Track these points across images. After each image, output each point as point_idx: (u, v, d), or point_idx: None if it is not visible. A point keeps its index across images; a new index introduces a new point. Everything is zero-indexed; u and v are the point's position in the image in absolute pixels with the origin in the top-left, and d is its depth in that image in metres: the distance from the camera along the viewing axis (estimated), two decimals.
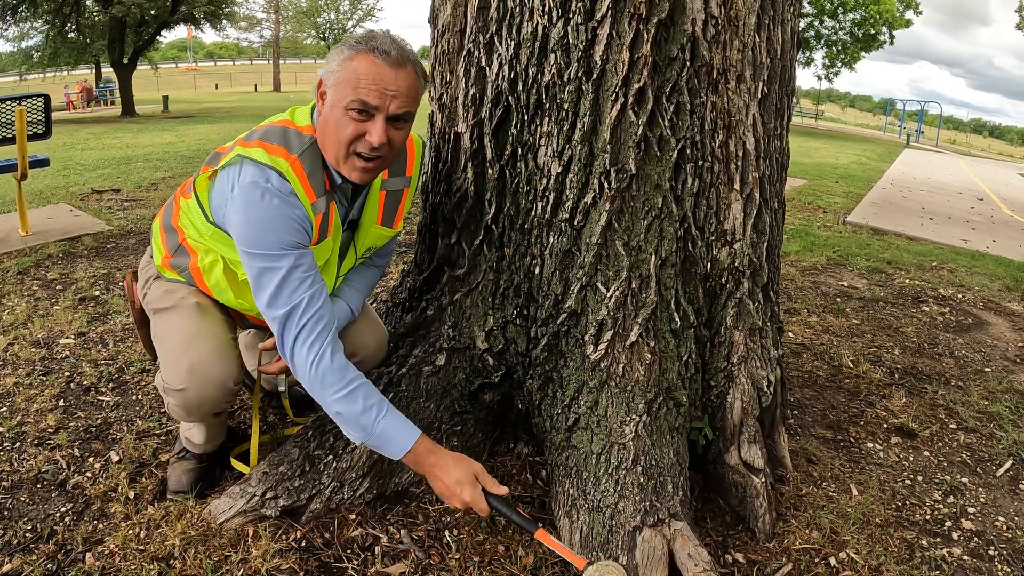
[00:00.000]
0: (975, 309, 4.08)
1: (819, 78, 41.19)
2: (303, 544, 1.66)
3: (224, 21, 27.45)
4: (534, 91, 1.76)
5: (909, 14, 35.99)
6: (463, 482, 1.50)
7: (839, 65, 37.99)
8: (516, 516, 1.54)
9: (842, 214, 7.22)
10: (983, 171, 17.76)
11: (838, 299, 3.98)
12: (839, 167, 13.08)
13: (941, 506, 2.06)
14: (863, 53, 36.63)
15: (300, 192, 1.47)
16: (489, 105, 1.84)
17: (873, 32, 35.23)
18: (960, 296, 4.31)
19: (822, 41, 36.38)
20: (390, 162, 1.57)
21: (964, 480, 2.21)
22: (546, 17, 1.71)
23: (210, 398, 1.63)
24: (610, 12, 1.64)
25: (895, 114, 47.07)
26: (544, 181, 1.79)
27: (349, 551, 1.66)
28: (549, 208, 1.80)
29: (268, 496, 1.70)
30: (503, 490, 1.54)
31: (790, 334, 3.32)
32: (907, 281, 4.56)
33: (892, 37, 35.98)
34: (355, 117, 1.44)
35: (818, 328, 3.47)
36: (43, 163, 4.49)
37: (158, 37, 26.18)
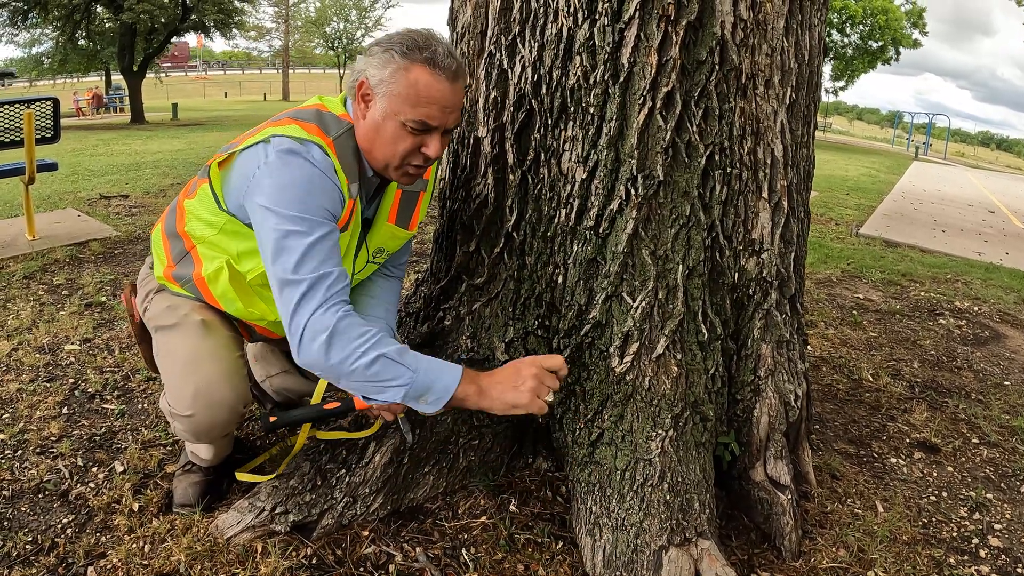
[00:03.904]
0: (992, 322, 4.02)
1: (826, 91, 41.30)
2: (314, 561, 1.60)
3: (234, 29, 27.63)
4: (558, 94, 1.71)
5: (916, 34, 36.03)
6: (527, 375, 1.45)
7: (844, 80, 38.05)
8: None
9: (854, 226, 7.18)
10: (992, 184, 17.74)
11: (854, 311, 3.93)
12: (849, 179, 13.07)
13: (967, 523, 2.01)
14: (871, 68, 36.66)
15: (339, 172, 1.43)
16: (511, 109, 1.79)
17: (880, 45, 35.25)
18: (976, 309, 4.26)
19: (830, 54, 36.41)
20: None
21: (989, 496, 2.15)
22: (571, 18, 1.66)
23: (219, 423, 1.56)
24: (638, 13, 1.59)
25: (903, 127, 47.12)
26: (568, 187, 1.74)
27: (362, 569, 1.60)
28: (573, 215, 1.74)
29: (278, 511, 1.64)
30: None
31: (808, 347, 3.26)
32: (923, 293, 4.51)
33: (899, 54, 36.01)
34: (412, 132, 1.43)
35: (836, 341, 3.41)
36: (51, 167, 4.46)
37: (168, 45, 26.37)
